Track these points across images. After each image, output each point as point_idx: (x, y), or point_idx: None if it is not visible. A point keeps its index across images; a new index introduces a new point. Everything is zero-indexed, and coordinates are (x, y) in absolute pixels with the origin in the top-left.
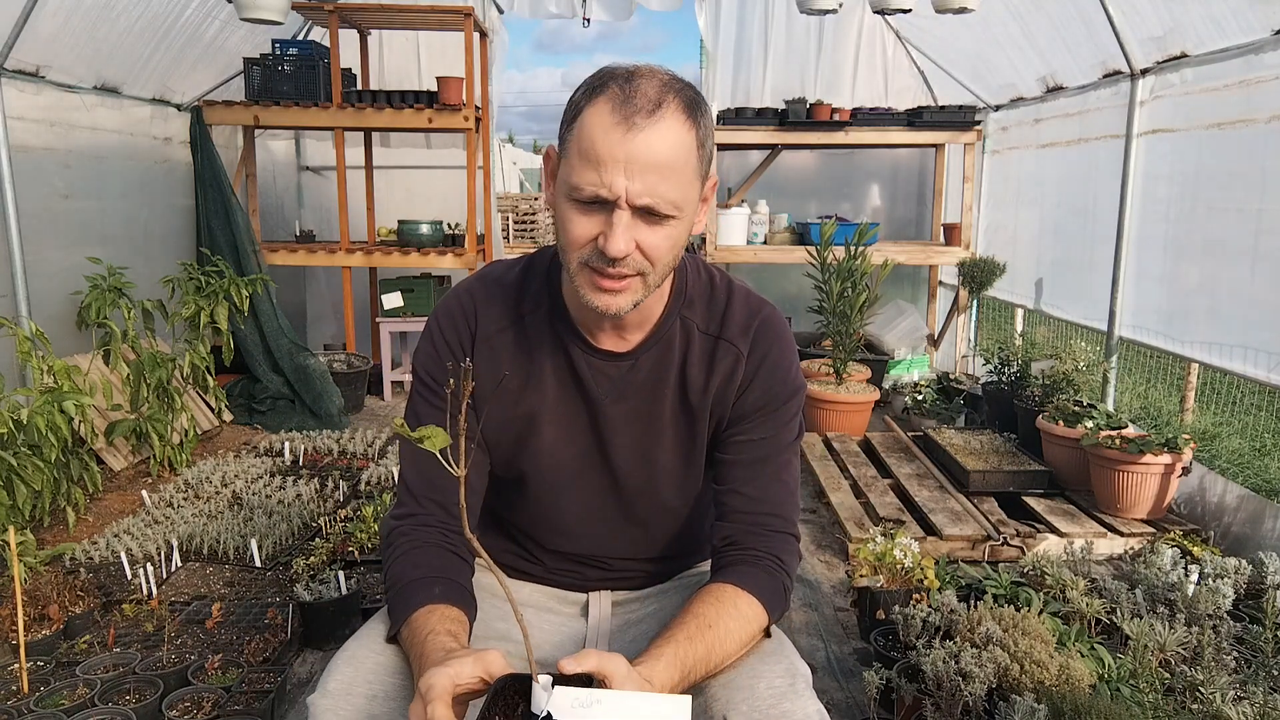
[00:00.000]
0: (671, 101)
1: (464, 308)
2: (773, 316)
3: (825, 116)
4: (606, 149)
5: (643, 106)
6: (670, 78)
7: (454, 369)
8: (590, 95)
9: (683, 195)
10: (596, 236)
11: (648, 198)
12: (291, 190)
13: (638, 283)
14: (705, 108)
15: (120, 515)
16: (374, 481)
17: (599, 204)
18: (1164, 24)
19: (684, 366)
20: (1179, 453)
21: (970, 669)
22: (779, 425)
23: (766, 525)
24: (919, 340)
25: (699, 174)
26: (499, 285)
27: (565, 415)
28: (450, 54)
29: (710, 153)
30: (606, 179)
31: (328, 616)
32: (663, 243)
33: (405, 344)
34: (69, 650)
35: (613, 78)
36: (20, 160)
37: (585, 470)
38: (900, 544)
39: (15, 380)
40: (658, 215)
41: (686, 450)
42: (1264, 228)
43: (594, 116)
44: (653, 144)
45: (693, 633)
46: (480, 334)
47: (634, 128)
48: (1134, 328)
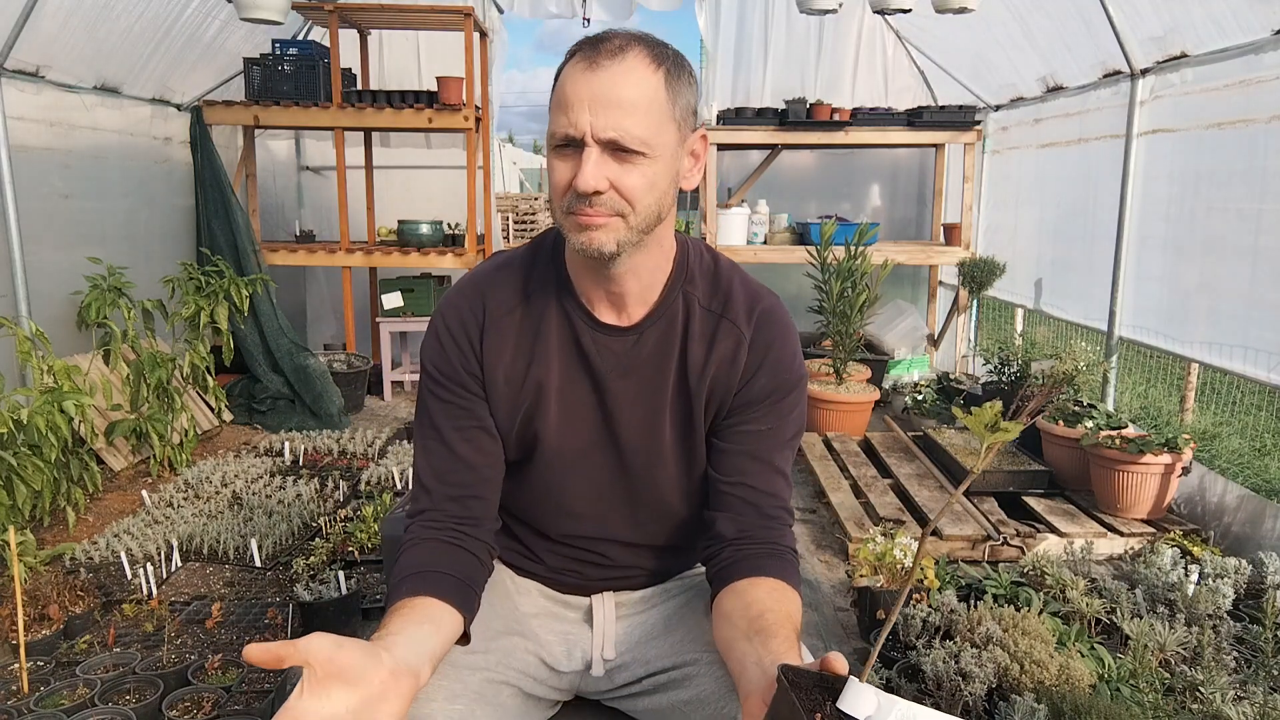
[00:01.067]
0: (637, 46)
1: (469, 299)
2: (776, 305)
3: (825, 116)
4: (573, 90)
5: (607, 50)
6: (644, 34)
7: (464, 362)
8: (569, 57)
9: (650, 132)
10: (574, 178)
11: (612, 131)
12: (291, 190)
13: (618, 223)
14: (680, 61)
15: (120, 515)
16: (374, 481)
17: (572, 146)
18: (1164, 24)
19: (685, 341)
20: (1179, 453)
21: (970, 669)
22: (784, 415)
23: (777, 519)
24: (919, 340)
25: (672, 117)
26: (506, 267)
27: (571, 392)
28: (450, 54)
29: (689, 104)
30: (573, 117)
31: (328, 616)
32: (638, 182)
33: (405, 344)
34: (69, 650)
35: (589, 39)
36: (20, 160)
37: (591, 446)
38: (900, 544)
39: (15, 380)
40: (626, 150)
41: (685, 429)
42: (1264, 227)
43: (567, 69)
44: (616, 80)
45: (780, 618)
46: (489, 321)
47: (598, 68)
48: (1134, 328)
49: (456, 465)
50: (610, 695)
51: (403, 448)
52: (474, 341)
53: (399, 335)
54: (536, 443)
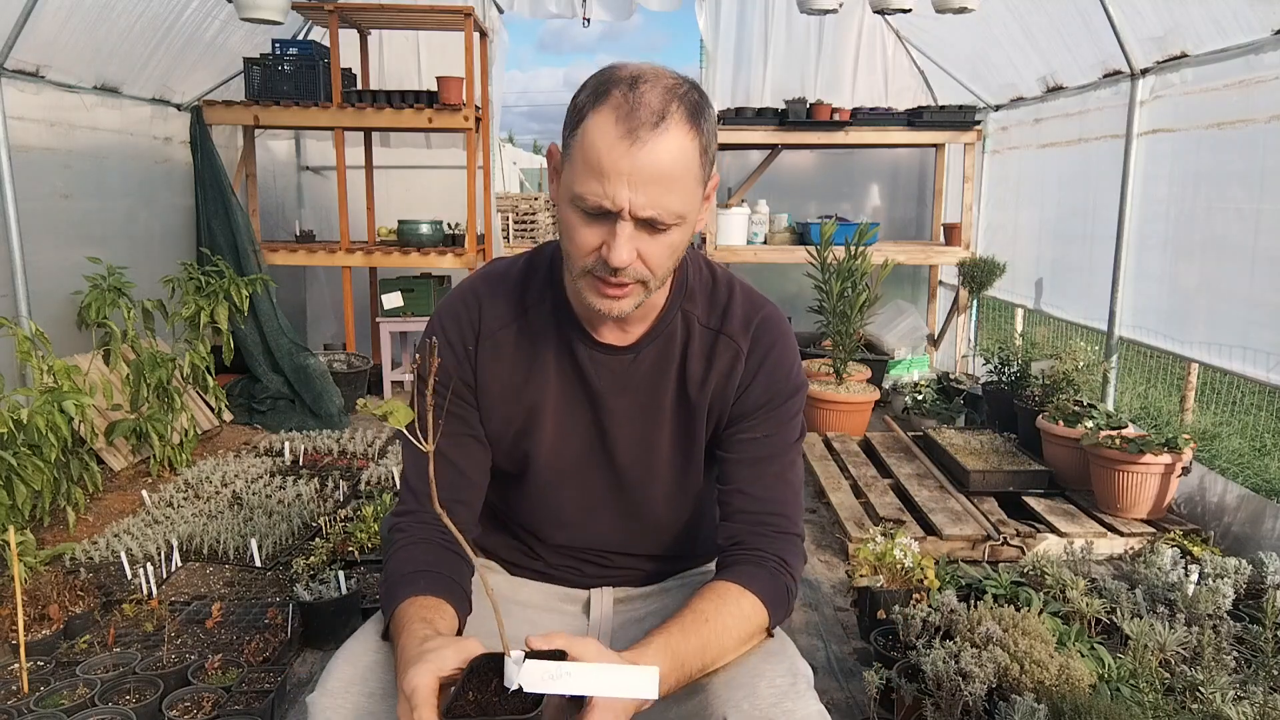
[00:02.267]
0: (675, 110)
1: (468, 306)
2: (774, 314)
3: (825, 116)
4: (610, 162)
5: (646, 119)
6: (675, 82)
7: (458, 370)
8: (594, 101)
9: (686, 204)
10: (600, 245)
11: (651, 210)
12: (291, 190)
13: (639, 288)
14: (709, 111)
15: (120, 515)
16: (374, 481)
17: (602, 214)
18: (1164, 24)
19: (684, 359)
20: (1179, 452)
21: (970, 669)
22: (781, 423)
23: (771, 526)
24: (919, 340)
25: (702, 180)
26: (502, 281)
27: (567, 409)
28: (450, 54)
29: (713, 155)
30: (610, 191)
31: (328, 616)
32: (664, 250)
33: (405, 344)
34: (69, 650)
35: (616, 83)
36: (20, 160)
37: (586, 463)
38: (900, 544)
39: (15, 380)
40: (661, 225)
41: (685, 445)
42: (1263, 228)
43: (597, 126)
44: (657, 157)
45: (687, 625)
46: (484, 331)
47: (638, 141)
48: (1134, 328)
49: (442, 466)
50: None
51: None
52: (469, 350)
53: (399, 335)
54: (529, 458)
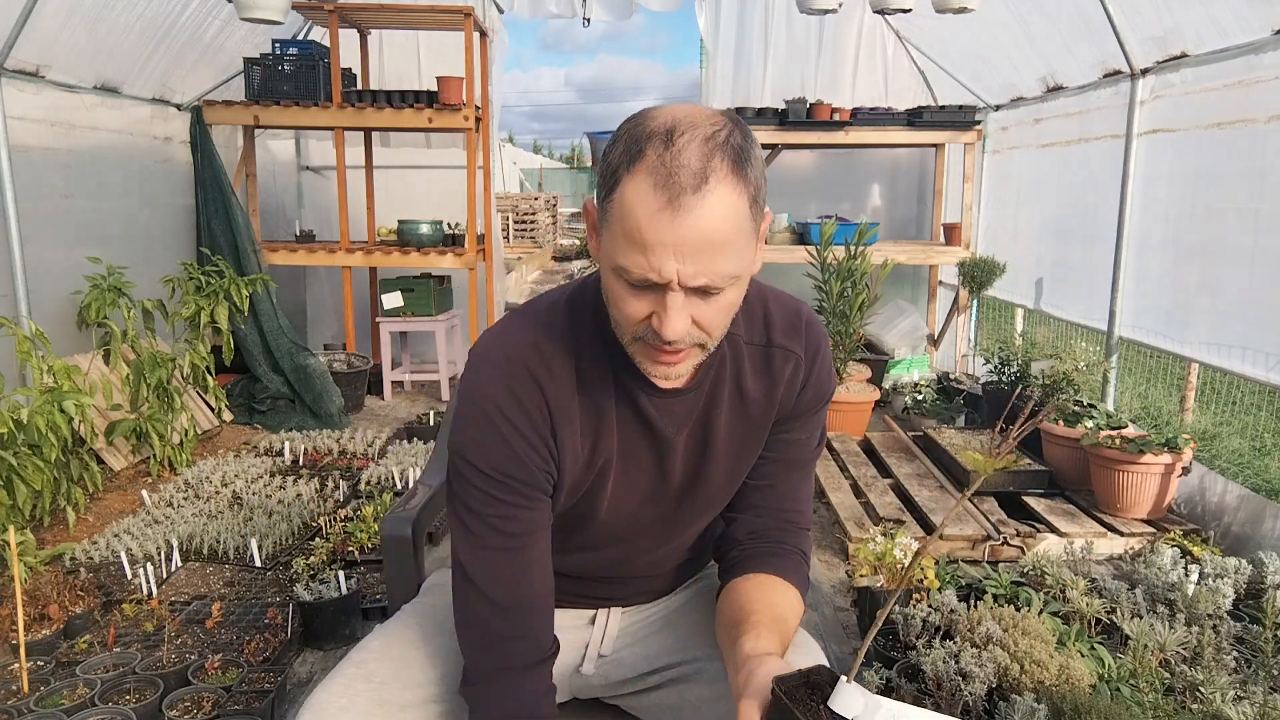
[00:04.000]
0: (719, 166)
1: (525, 386)
2: (812, 315)
3: (825, 116)
4: (653, 234)
5: (687, 182)
6: (714, 129)
7: (539, 463)
8: (628, 163)
9: (739, 264)
10: (649, 315)
11: (703, 278)
12: (291, 190)
13: (695, 351)
14: (753, 150)
15: (120, 515)
16: (374, 481)
17: (651, 286)
18: (1164, 24)
19: (739, 382)
20: (1179, 452)
21: (970, 669)
22: (817, 425)
23: (792, 522)
24: (919, 340)
25: (754, 231)
26: (550, 338)
27: (633, 458)
28: (450, 54)
29: (763, 197)
30: (655, 264)
31: (328, 616)
32: (720, 313)
33: (405, 344)
34: (69, 650)
35: (650, 139)
36: (20, 160)
37: (643, 506)
38: (900, 544)
39: (15, 380)
40: (714, 290)
41: (740, 467)
42: (1263, 228)
43: (635, 193)
44: (703, 224)
45: (774, 616)
46: (556, 410)
47: (680, 209)
48: (1134, 328)
49: (522, 585)
50: (610, 693)
51: (403, 448)
52: (546, 437)
53: (399, 335)
54: (587, 516)
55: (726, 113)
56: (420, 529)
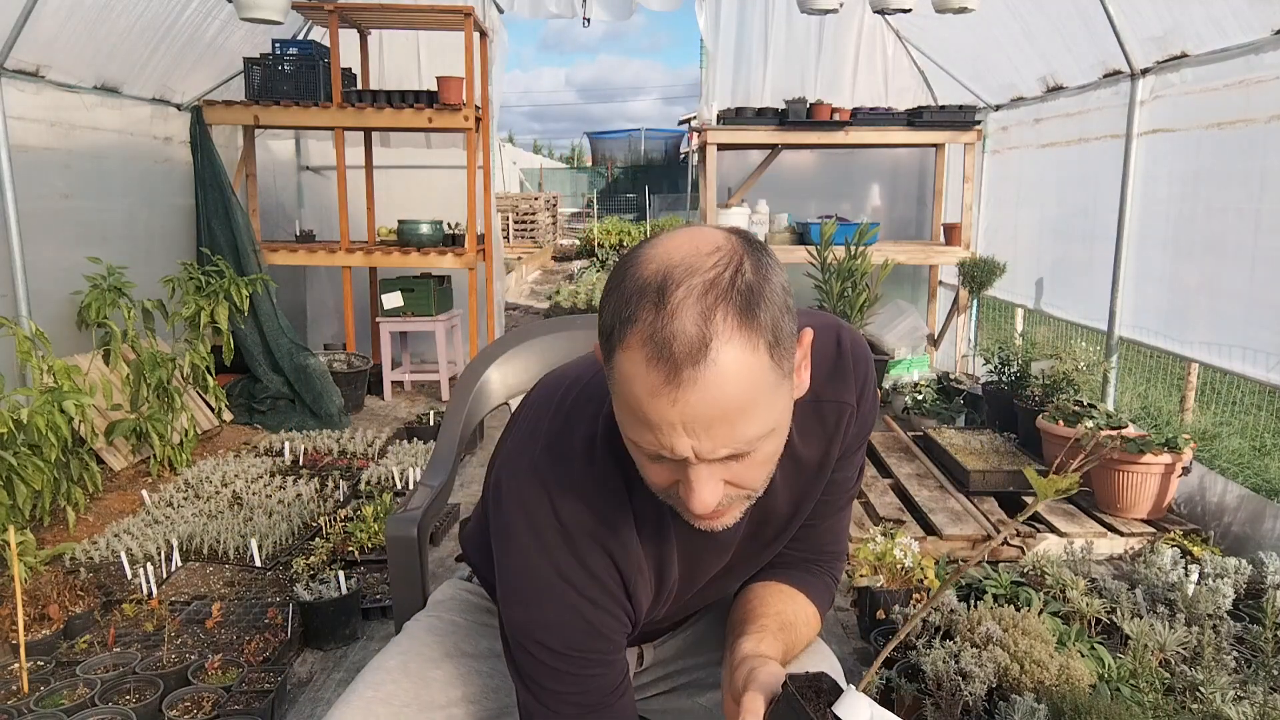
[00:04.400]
0: (722, 326)
1: (600, 560)
2: (853, 336)
3: (825, 116)
4: (656, 414)
5: (685, 354)
6: (716, 273)
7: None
8: (620, 328)
9: (769, 420)
10: (674, 482)
11: (725, 449)
12: (291, 190)
13: (740, 502)
14: (768, 286)
15: (120, 515)
16: (374, 481)
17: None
18: (1164, 24)
19: (790, 450)
20: (1179, 452)
21: (970, 669)
22: (861, 457)
23: (830, 551)
24: (919, 340)
25: (782, 377)
26: (608, 500)
27: (696, 566)
28: (450, 54)
29: (790, 334)
30: (666, 442)
31: (328, 616)
32: (759, 469)
33: (405, 344)
34: (69, 650)
35: (641, 299)
36: (20, 160)
37: (701, 588)
38: (900, 544)
39: (15, 380)
40: (743, 454)
41: (798, 519)
42: (1264, 227)
43: (630, 366)
44: (710, 395)
45: (781, 625)
46: (626, 572)
47: (682, 385)
48: (1134, 327)
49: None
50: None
51: (403, 448)
52: (623, 601)
53: (399, 335)
54: (654, 612)
55: (734, 236)
56: (424, 529)
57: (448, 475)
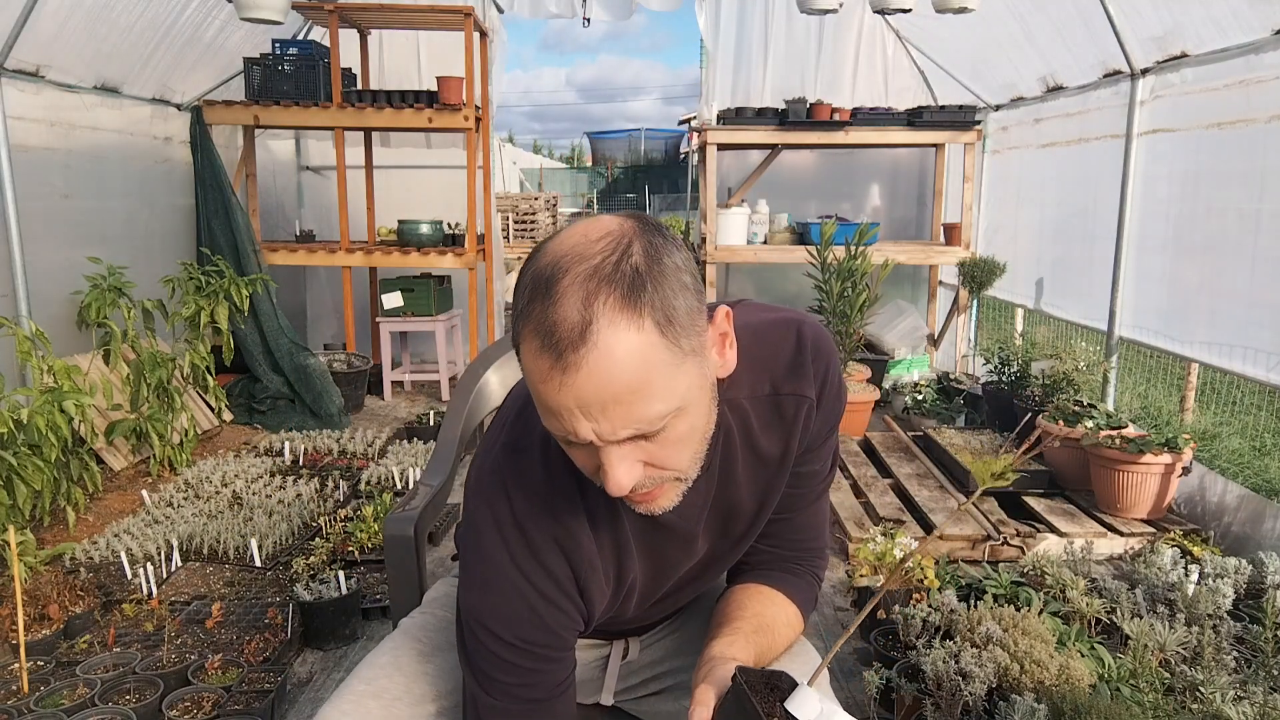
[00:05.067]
0: (603, 310)
1: (553, 556)
2: (815, 331)
3: (825, 116)
4: (552, 399)
5: (568, 338)
6: (601, 259)
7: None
8: (520, 321)
9: (671, 398)
10: (597, 467)
11: (627, 429)
12: (291, 190)
13: (672, 486)
14: (660, 268)
15: (120, 515)
16: (374, 481)
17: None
18: (1164, 24)
19: (750, 442)
20: (1179, 452)
21: (970, 669)
22: (830, 449)
23: (808, 547)
24: (919, 340)
25: (681, 355)
26: (562, 497)
27: (660, 561)
28: (450, 54)
29: (688, 312)
30: (568, 426)
31: (328, 616)
32: (675, 449)
33: (405, 344)
34: (69, 650)
35: (533, 291)
36: (20, 160)
37: (672, 583)
38: (900, 544)
39: (15, 380)
40: (652, 433)
41: (765, 512)
42: (1264, 227)
43: (527, 356)
44: (599, 377)
45: (756, 628)
46: (578, 568)
47: (568, 369)
48: (1134, 327)
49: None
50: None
51: (403, 448)
52: (574, 597)
53: (399, 335)
54: (618, 614)
55: (627, 221)
56: (422, 529)
57: (447, 475)
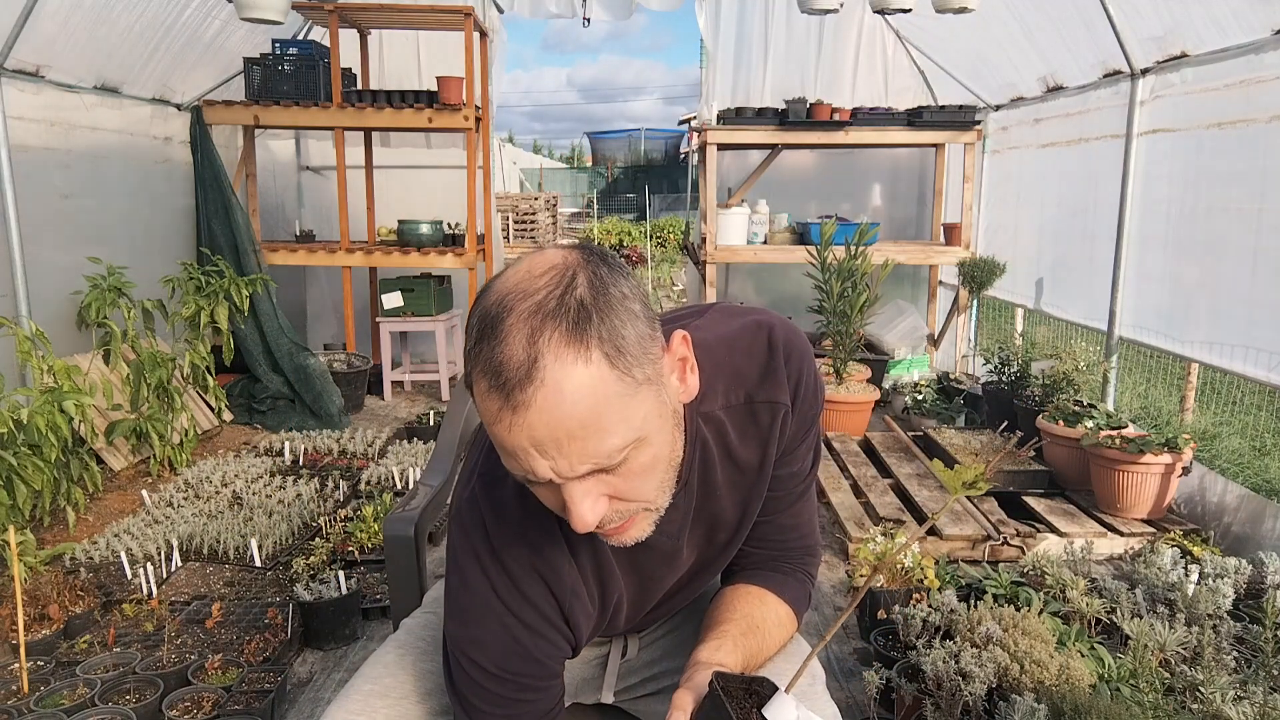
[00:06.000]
0: (546, 346)
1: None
2: (787, 333)
3: (825, 116)
4: (507, 440)
5: (514, 378)
6: (546, 294)
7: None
8: (470, 361)
9: (626, 429)
10: (562, 504)
11: (585, 464)
12: (291, 190)
13: (643, 517)
14: (606, 299)
15: (120, 515)
16: (374, 481)
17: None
18: (1164, 24)
19: (728, 452)
20: (1179, 452)
21: (970, 669)
22: (811, 446)
23: (798, 546)
24: (919, 340)
25: (634, 384)
26: (540, 528)
27: (644, 578)
28: (450, 54)
29: (639, 340)
30: (525, 466)
31: (328, 616)
32: (638, 480)
33: (405, 344)
34: (69, 650)
35: (481, 330)
36: (20, 160)
37: (660, 595)
38: (900, 544)
39: (15, 380)
40: (612, 466)
41: (749, 518)
42: (1264, 227)
43: (479, 397)
44: (549, 414)
45: (746, 629)
46: (563, 597)
47: (517, 408)
48: (1134, 327)
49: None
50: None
51: (403, 448)
52: (560, 625)
53: (399, 335)
54: (609, 629)
55: (573, 253)
56: (422, 529)
57: (447, 475)
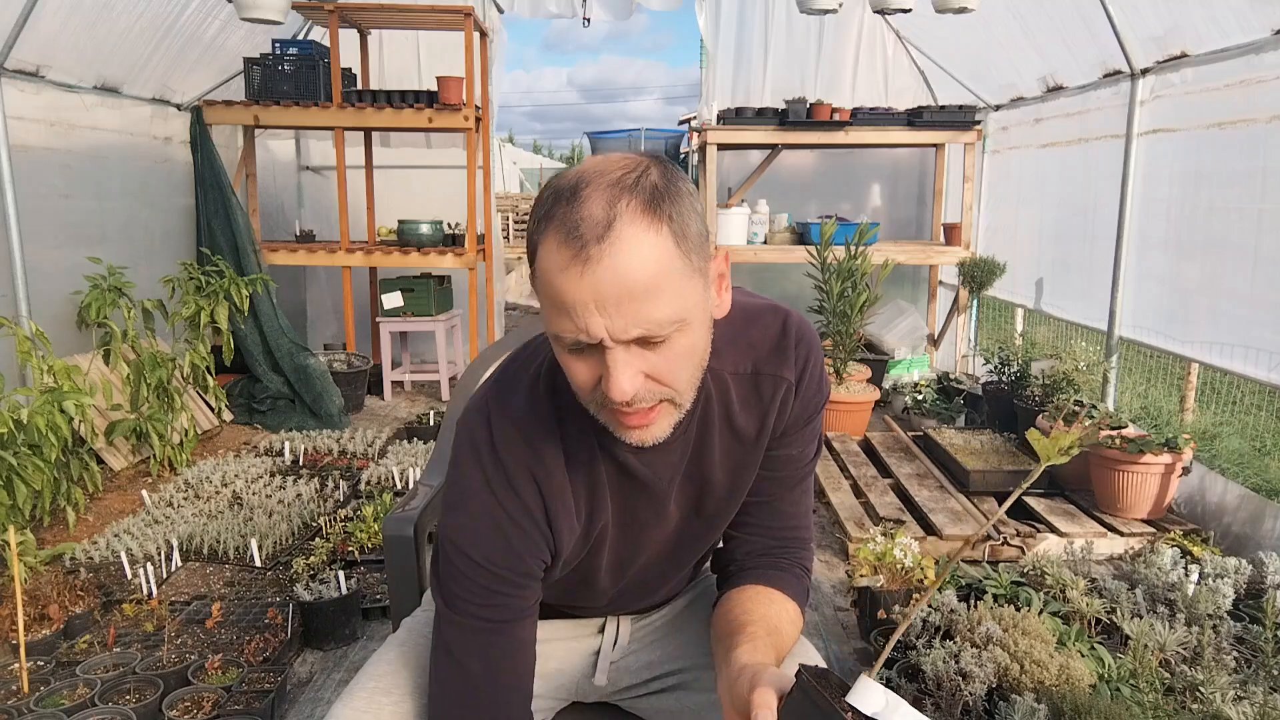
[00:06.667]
0: (625, 210)
1: (524, 483)
2: (801, 323)
3: (825, 116)
4: (570, 292)
5: (591, 233)
6: (624, 174)
7: (534, 549)
8: (540, 227)
9: (678, 306)
10: (599, 378)
11: (636, 329)
12: (291, 190)
13: (667, 409)
14: (676, 188)
15: (120, 515)
16: (374, 481)
17: (589, 347)
18: (1164, 24)
19: (728, 415)
20: (1179, 452)
21: (970, 669)
22: (812, 436)
23: (793, 538)
24: (919, 340)
25: (691, 269)
26: (541, 428)
27: (630, 519)
28: (450, 54)
29: (696, 236)
30: (581, 323)
31: (328, 616)
32: (674, 362)
33: (405, 344)
34: (69, 650)
35: (557, 199)
36: (20, 160)
37: (645, 552)
38: (900, 544)
39: (15, 380)
40: (657, 339)
41: (738, 496)
42: (1264, 227)
43: (546, 255)
44: (616, 272)
45: (768, 630)
46: (549, 496)
47: (589, 260)
48: (1134, 327)
49: (505, 667)
50: (614, 697)
51: (403, 448)
52: (542, 527)
53: (399, 335)
54: (590, 574)
55: (649, 154)
56: (422, 529)
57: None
